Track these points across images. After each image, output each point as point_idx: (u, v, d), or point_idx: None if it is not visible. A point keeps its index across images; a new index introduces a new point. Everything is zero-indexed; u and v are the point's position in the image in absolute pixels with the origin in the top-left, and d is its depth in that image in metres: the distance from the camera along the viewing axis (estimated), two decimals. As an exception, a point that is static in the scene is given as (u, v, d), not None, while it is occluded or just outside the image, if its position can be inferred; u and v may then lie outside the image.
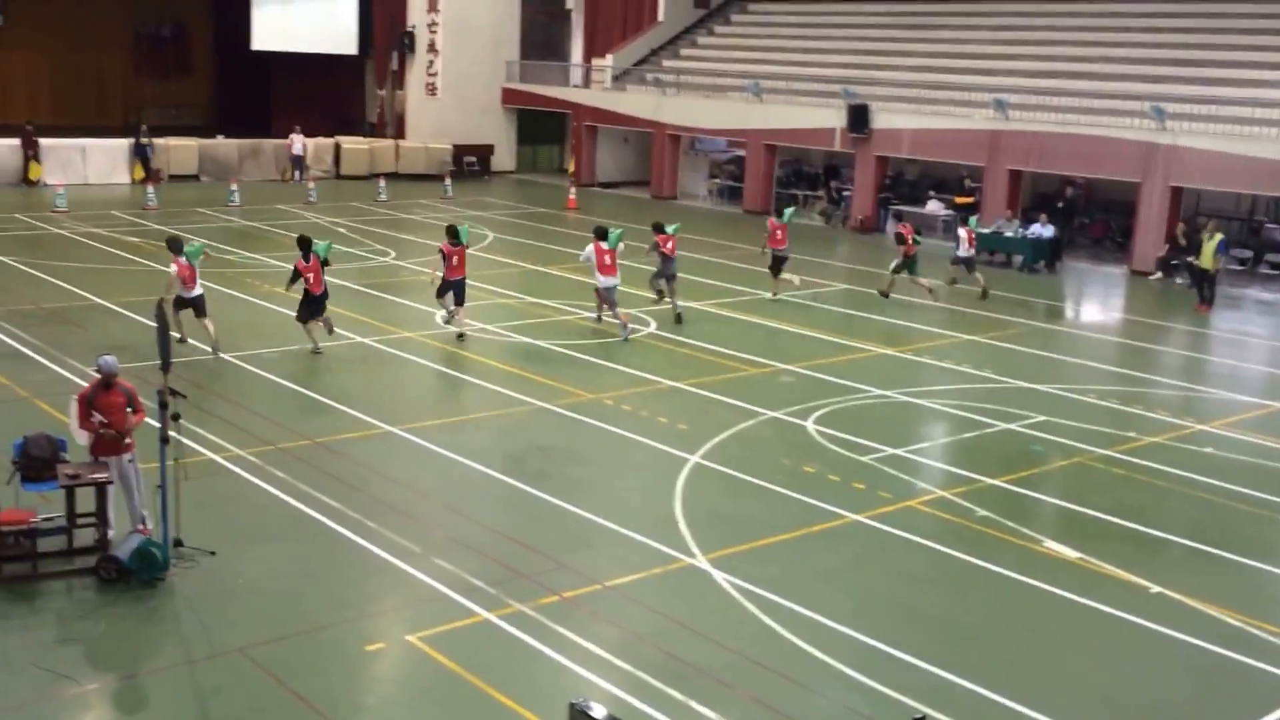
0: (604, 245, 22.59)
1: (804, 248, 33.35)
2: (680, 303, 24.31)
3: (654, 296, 24.95)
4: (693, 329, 23.14)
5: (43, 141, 39.72)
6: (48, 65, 48.04)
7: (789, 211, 27.70)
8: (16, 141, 39.45)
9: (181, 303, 20.10)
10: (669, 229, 24.31)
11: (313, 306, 20.58)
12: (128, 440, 12.21)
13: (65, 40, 47.96)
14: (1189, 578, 12.84)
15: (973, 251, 28.27)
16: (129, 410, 12.23)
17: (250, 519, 13.41)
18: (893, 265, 27.08)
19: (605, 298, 22.69)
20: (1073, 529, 14.10)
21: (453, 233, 22.24)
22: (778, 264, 26.58)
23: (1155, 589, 12.45)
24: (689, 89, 44.15)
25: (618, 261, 22.71)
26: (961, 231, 28.69)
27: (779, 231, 26.45)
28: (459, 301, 22.05)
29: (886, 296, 27.10)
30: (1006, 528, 13.89)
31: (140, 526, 12.20)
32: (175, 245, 20.64)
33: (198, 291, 20.22)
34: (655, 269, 24.70)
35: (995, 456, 16.55)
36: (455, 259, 21.90)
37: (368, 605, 11.60)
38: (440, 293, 22.21)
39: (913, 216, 37.61)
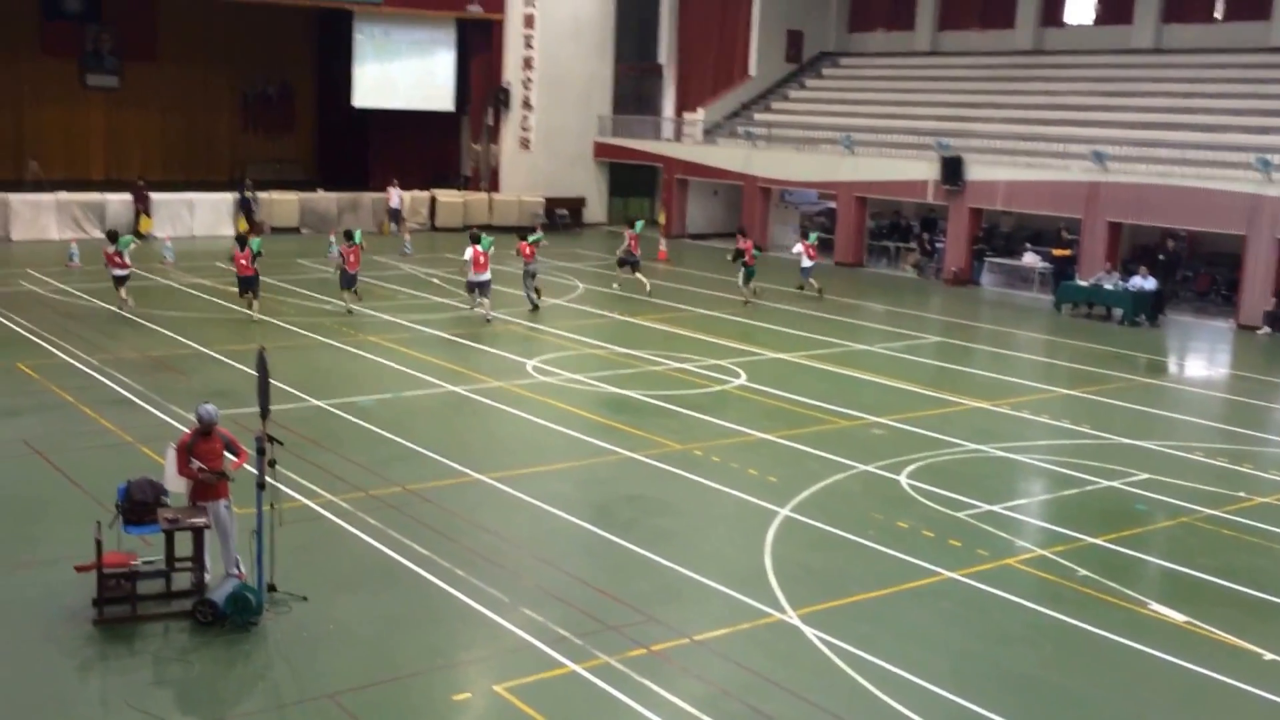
0: (479, 248, 27.61)
1: (896, 300, 33.26)
2: (540, 299, 29.67)
3: (532, 296, 29.61)
4: (783, 380, 23.00)
5: (153, 196, 40.59)
6: (159, 124, 49.22)
7: (639, 224, 34.67)
8: (129, 196, 40.30)
9: (116, 280, 27.02)
10: (530, 239, 29.77)
11: (244, 285, 27.08)
12: (230, 478, 12.38)
13: (176, 101, 49.13)
14: (1304, 644, 12.44)
15: (812, 263, 33.16)
16: (228, 455, 12.39)
17: (342, 565, 13.48)
18: (740, 279, 32.28)
19: (474, 288, 28.01)
20: (1180, 592, 13.73)
21: (349, 235, 28.86)
22: (632, 267, 32.81)
23: (1269, 656, 12.05)
24: (780, 142, 44.15)
25: (489, 262, 27.83)
26: (799, 247, 33.55)
27: (633, 241, 32.96)
28: (348, 286, 28.25)
29: (746, 304, 31.84)
30: (1109, 589, 13.55)
31: (235, 571, 12.28)
32: (113, 236, 27.81)
33: (125, 272, 27.09)
34: (523, 274, 29.75)
35: (1097, 515, 16.20)
36: (351, 256, 28.11)
37: (456, 654, 11.58)
38: (344, 285, 28.29)
39: (1007, 269, 37.42)
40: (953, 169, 36.63)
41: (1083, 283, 32.78)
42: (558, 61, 48.21)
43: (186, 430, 12.76)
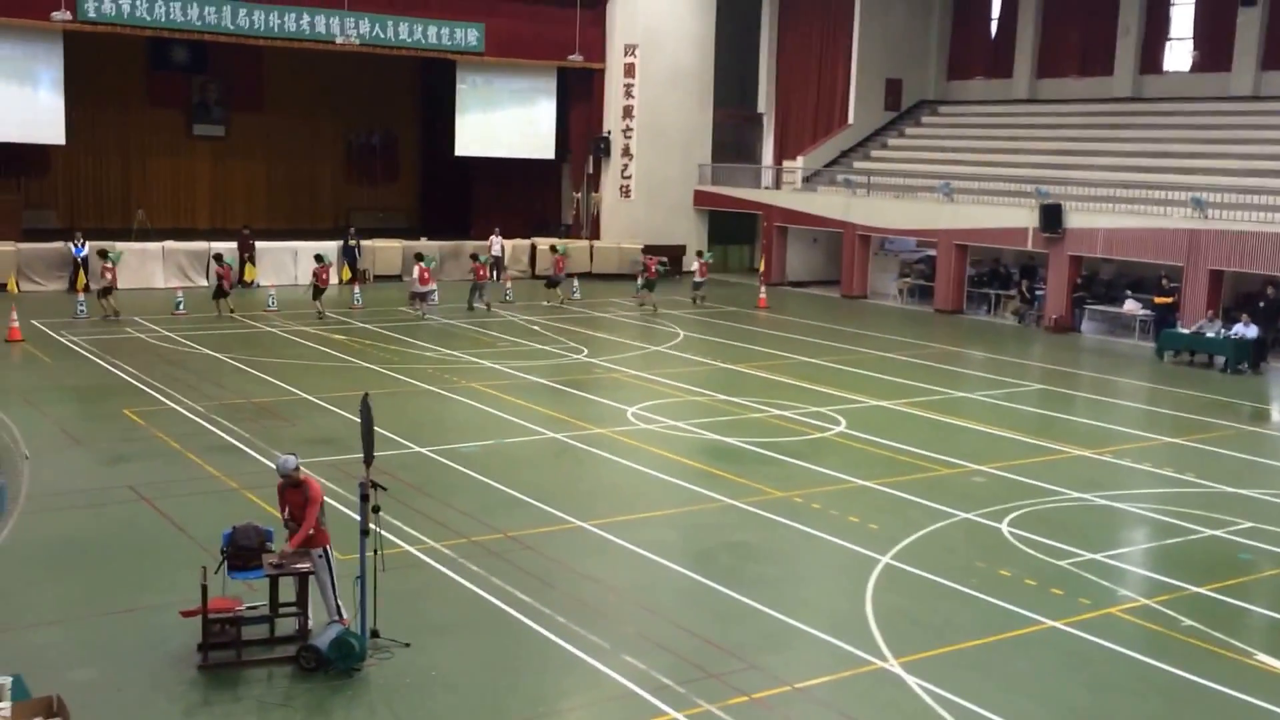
0: (423, 265, 35.50)
1: (997, 347, 33.04)
2: (489, 311, 36.18)
3: (478, 306, 36.45)
4: (884, 428, 22.93)
5: (258, 244, 41.23)
6: (265, 173, 50.17)
7: (562, 246, 41.50)
8: (234, 245, 40.96)
9: (105, 290, 32.92)
10: (482, 258, 37.90)
11: (219, 292, 34.35)
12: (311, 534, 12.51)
13: (280, 150, 50.07)
14: None
15: (704, 279, 40.20)
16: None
17: (444, 611, 13.60)
18: (639, 284, 38.58)
19: (415, 298, 35.37)
20: (1285, 642, 13.53)
21: (319, 258, 36.18)
22: (553, 283, 39.44)
23: (1376, 706, 11.82)
24: (879, 190, 44.12)
25: (432, 278, 35.88)
26: (696, 264, 40.73)
27: (560, 261, 39.63)
28: (317, 297, 34.82)
29: (642, 306, 38.53)
30: (1214, 639, 13.37)
31: (338, 617, 12.43)
32: (103, 255, 34.25)
33: (108, 283, 33.17)
34: (470, 287, 36.89)
35: (1200, 563, 15.99)
36: (324, 274, 35.42)
37: (557, 701, 11.66)
38: (314, 296, 34.81)
39: (1108, 316, 37.03)
40: (1052, 216, 36.39)
41: (1184, 330, 32.38)
42: (658, 110, 48.62)
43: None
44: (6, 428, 10.74)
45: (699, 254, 41.68)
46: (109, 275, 33.40)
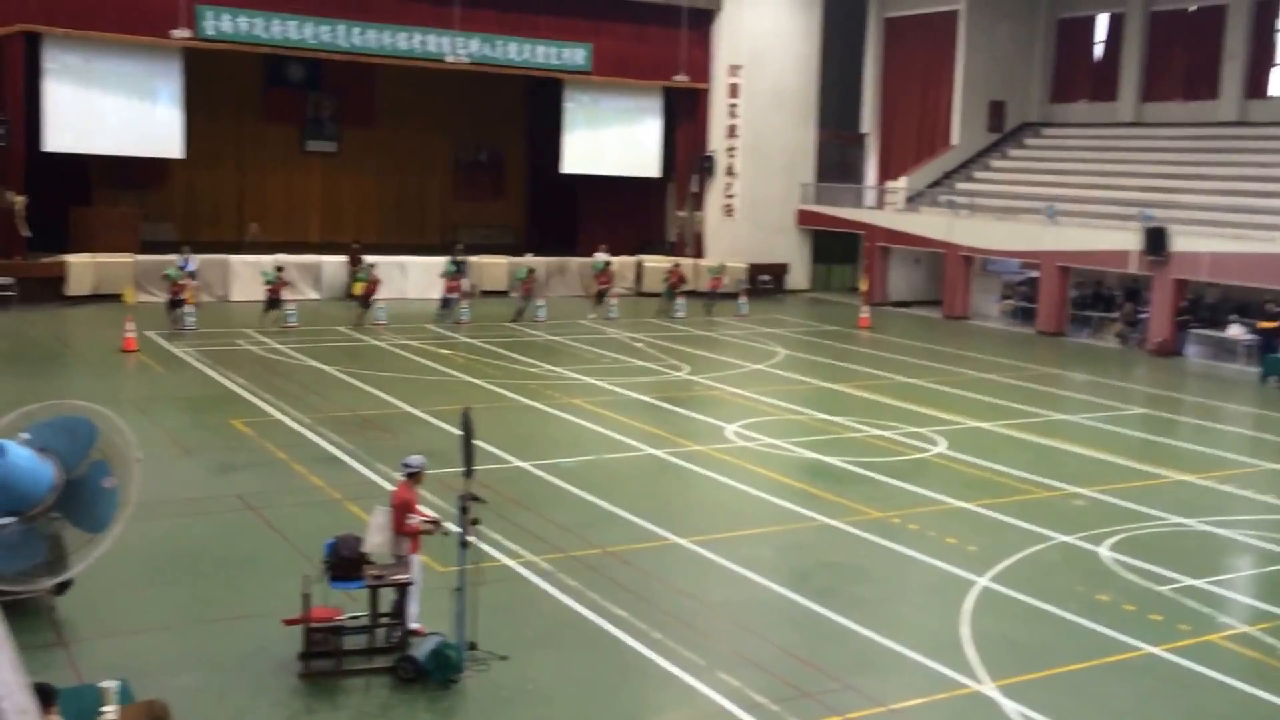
0: (447, 276, 37.68)
1: (1099, 370, 32.72)
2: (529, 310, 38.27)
3: (532, 308, 38.27)
4: (983, 449, 22.82)
5: (367, 259, 41.66)
6: (374, 188, 50.72)
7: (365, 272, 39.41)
8: (344, 259, 41.67)
9: (176, 303, 33.17)
10: (521, 274, 39.33)
11: (270, 304, 34.42)
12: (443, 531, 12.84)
13: (390, 166, 50.60)
14: None
15: (716, 290, 42.54)
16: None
17: (541, 625, 13.75)
18: (664, 293, 41.66)
19: (445, 303, 37.03)
20: (1390, 673, 13.32)
21: (370, 268, 37.69)
22: (601, 295, 40.34)
23: None
24: (982, 211, 43.89)
25: (456, 285, 37.60)
26: (709, 279, 43.00)
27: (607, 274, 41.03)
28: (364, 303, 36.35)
29: (660, 311, 41.12)
30: (1315, 668, 13.25)
31: (413, 626, 12.62)
32: (170, 269, 35.20)
33: (181, 297, 33.52)
34: (518, 306, 38.56)
35: (1304, 593, 15.81)
36: (374, 285, 36.50)
37: (651, 718, 11.78)
38: (361, 305, 36.21)
39: (1212, 340, 36.51)
40: (1156, 240, 36.01)
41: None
42: (761, 130, 48.75)
43: (393, 487, 13.16)
44: (118, 429, 11.04)
45: (710, 271, 43.83)
46: (177, 290, 33.38)
